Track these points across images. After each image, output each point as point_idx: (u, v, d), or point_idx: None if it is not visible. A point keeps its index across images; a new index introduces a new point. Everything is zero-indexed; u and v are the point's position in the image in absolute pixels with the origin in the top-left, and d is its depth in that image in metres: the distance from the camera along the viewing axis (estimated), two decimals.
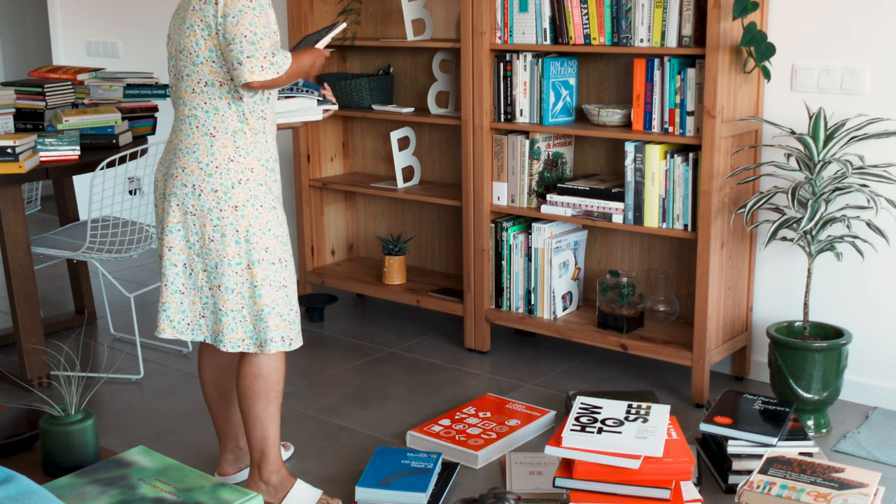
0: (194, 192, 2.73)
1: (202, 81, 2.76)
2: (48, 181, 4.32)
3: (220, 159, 2.74)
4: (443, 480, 2.93)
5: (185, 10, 2.77)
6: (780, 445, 2.85)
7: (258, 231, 2.75)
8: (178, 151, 2.78)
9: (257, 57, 2.69)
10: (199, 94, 2.76)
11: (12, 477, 1.72)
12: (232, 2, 2.70)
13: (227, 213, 2.73)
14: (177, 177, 2.76)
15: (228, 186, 2.74)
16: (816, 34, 3.42)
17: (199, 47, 2.74)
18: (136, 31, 5.65)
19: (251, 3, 2.72)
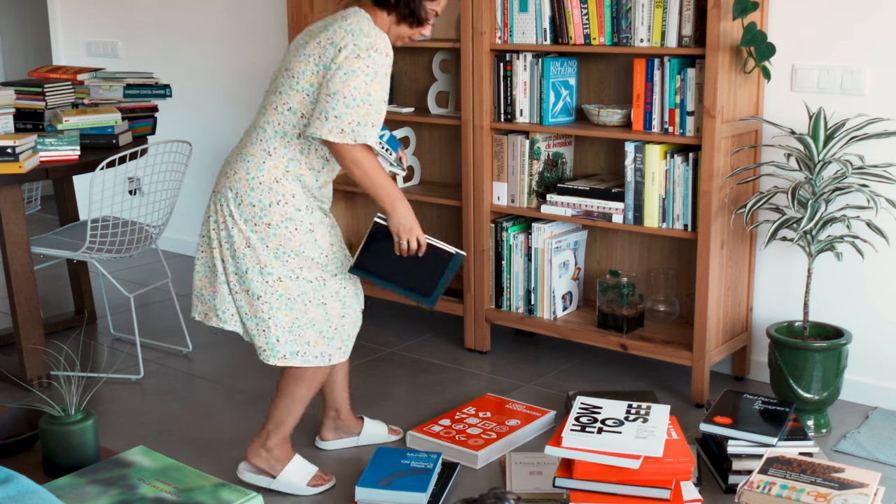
0: (236, 199, 2.84)
1: (287, 105, 2.84)
2: (48, 181, 4.32)
3: (267, 178, 2.83)
4: (443, 480, 2.93)
5: (312, 38, 2.86)
6: (780, 445, 2.85)
7: (289, 251, 2.84)
8: (239, 154, 2.89)
9: (343, 120, 2.74)
10: (279, 114, 2.85)
11: (12, 477, 1.72)
12: (352, 59, 2.76)
13: (260, 229, 2.83)
14: (228, 177, 2.88)
15: (266, 204, 2.82)
16: (816, 34, 3.42)
17: (303, 76, 2.81)
18: (136, 31, 5.65)
19: (369, 69, 2.77)
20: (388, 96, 2.84)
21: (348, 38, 2.76)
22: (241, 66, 5.20)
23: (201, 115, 5.43)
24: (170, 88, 4.38)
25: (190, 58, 5.41)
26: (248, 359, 3.97)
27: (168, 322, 4.47)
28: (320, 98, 2.76)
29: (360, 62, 2.74)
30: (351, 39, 2.76)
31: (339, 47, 2.76)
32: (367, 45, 2.76)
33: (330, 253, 2.90)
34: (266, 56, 5.05)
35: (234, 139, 5.29)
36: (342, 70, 2.74)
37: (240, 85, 5.23)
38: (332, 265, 2.91)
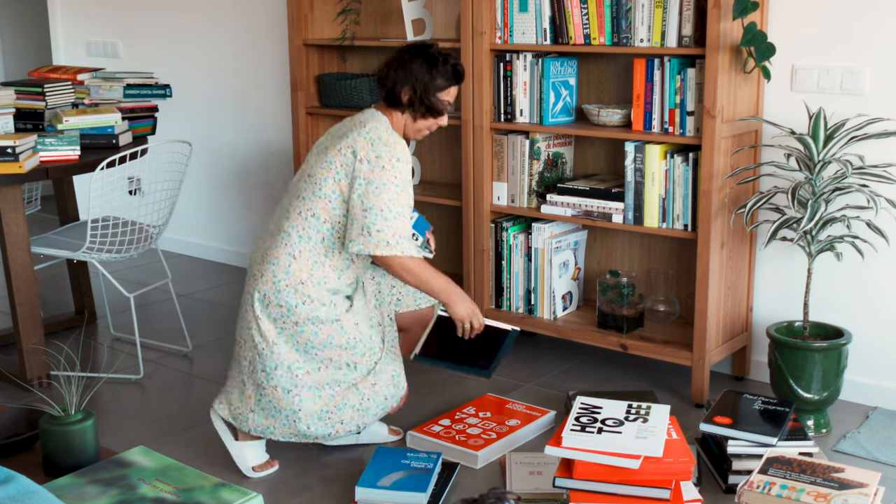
0: (264, 300, 2.94)
1: (311, 211, 2.93)
2: (48, 181, 4.32)
3: (293, 280, 2.92)
4: (443, 480, 2.93)
5: (333, 143, 2.96)
6: (780, 445, 2.85)
7: (317, 346, 2.94)
8: (264, 257, 2.98)
9: (386, 233, 2.85)
10: (303, 219, 2.94)
11: (12, 477, 1.72)
12: (378, 171, 2.87)
13: (288, 327, 2.93)
14: (255, 279, 2.98)
15: (293, 305, 2.91)
16: (816, 34, 3.42)
17: (325, 183, 2.91)
18: (136, 31, 5.65)
19: (396, 179, 2.89)
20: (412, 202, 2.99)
21: (369, 148, 2.89)
22: (241, 66, 5.20)
23: (201, 115, 5.44)
24: (170, 88, 4.38)
25: (190, 58, 5.42)
26: None
27: (168, 322, 4.47)
28: (355, 213, 2.88)
29: (386, 174, 2.87)
30: (373, 150, 2.89)
31: (361, 158, 2.88)
32: (389, 155, 2.89)
33: (357, 334, 2.98)
34: (266, 56, 5.06)
35: (234, 139, 5.30)
36: (372, 184, 2.86)
37: (240, 85, 5.23)
38: (361, 345, 2.99)
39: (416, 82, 2.99)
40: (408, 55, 3.04)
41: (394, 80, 3.02)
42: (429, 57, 3.03)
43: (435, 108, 3.03)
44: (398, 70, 3.02)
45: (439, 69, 3.02)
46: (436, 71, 3.02)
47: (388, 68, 3.05)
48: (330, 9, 4.44)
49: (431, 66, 3.02)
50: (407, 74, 3.01)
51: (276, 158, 5.13)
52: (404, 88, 3.00)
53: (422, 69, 3.01)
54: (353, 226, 2.88)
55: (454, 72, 3.05)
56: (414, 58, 3.02)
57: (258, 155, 5.23)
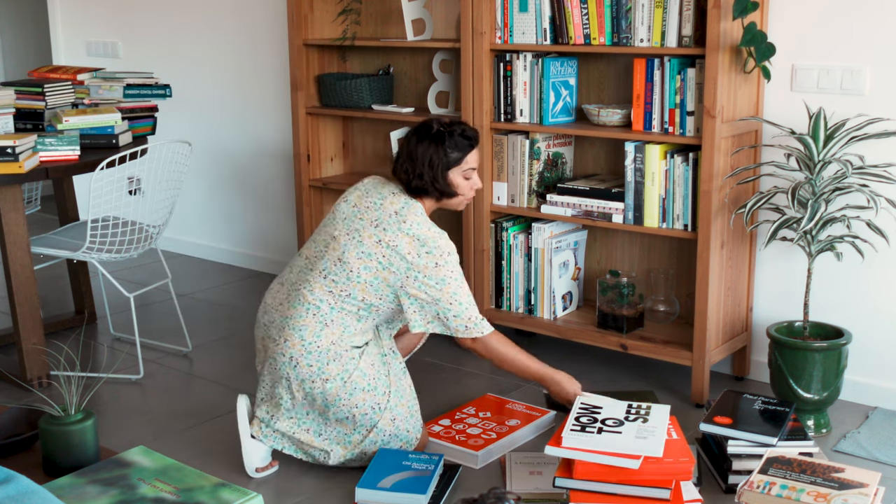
0: (291, 362, 2.95)
1: (346, 292, 2.95)
2: (48, 181, 4.32)
3: (324, 342, 2.94)
4: (444, 482, 2.92)
5: (367, 230, 2.97)
6: (780, 445, 2.85)
7: (345, 395, 2.95)
8: (286, 322, 2.98)
9: (463, 317, 2.96)
10: (335, 297, 2.96)
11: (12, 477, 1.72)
12: (432, 269, 2.92)
13: (317, 385, 2.94)
14: (277, 343, 2.98)
15: (324, 363, 2.93)
16: (816, 34, 3.42)
17: (365, 271, 2.93)
18: (136, 31, 5.65)
19: (452, 273, 2.96)
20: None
21: (417, 247, 2.93)
22: (241, 66, 5.20)
23: (201, 115, 5.44)
24: (170, 88, 4.38)
25: (190, 58, 5.42)
26: (248, 359, 3.97)
27: (168, 322, 4.47)
28: (424, 307, 2.94)
29: (442, 271, 2.93)
30: (422, 248, 2.93)
31: (410, 262, 2.92)
32: (439, 252, 2.94)
33: (374, 373, 3.01)
34: (266, 56, 5.06)
35: (234, 139, 5.30)
36: (432, 280, 2.92)
37: (240, 85, 5.23)
38: (380, 385, 3.01)
39: (424, 168, 3.01)
40: (413, 138, 3.04)
41: (405, 171, 3.03)
42: (434, 136, 3.03)
43: (449, 192, 3.06)
44: (406, 160, 3.03)
45: (447, 144, 3.02)
46: (443, 148, 3.02)
47: (398, 161, 3.06)
48: (330, 9, 4.44)
49: (439, 144, 3.02)
50: (414, 162, 3.02)
51: (276, 158, 5.13)
52: (416, 177, 3.01)
53: (428, 151, 3.01)
54: (424, 311, 2.96)
55: (464, 138, 3.05)
56: (419, 142, 3.02)
57: (258, 155, 5.23)
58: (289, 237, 5.14)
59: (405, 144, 3.07)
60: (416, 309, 2.96)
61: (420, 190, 3.04)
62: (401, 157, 3.06)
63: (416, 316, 2.97)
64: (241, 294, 4.93)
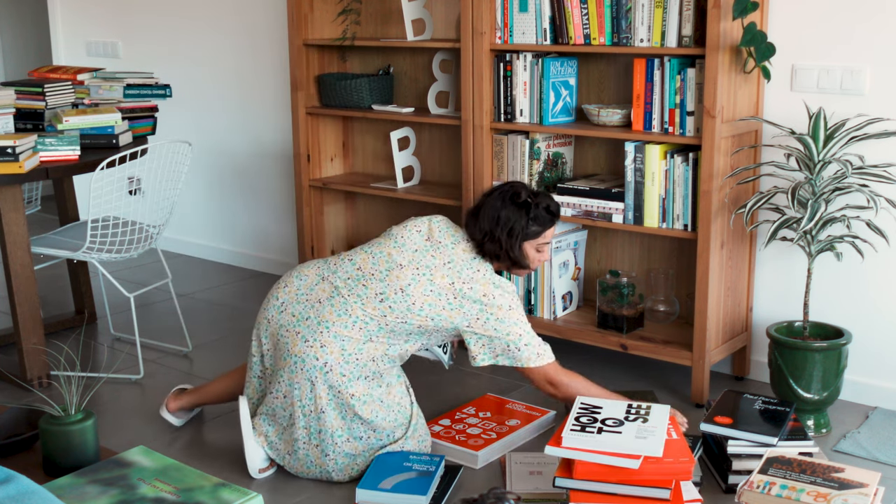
0: (324, 368, 2.90)
1: (403, 320, 2.93)
2: (48, 181, 4.32)
3: (365, 356, 2.92)
4: (445, 484, 2.92)
5: (439, 268, 2.96)
6: (780, 445, 2.85)
7: (366, 419, 2.93)
8: (325, 325, 2.92)
9: (531, 347, 2.95)
10: (388, 320, 2.93)
11: (12, 477, 1.72)
12: (506, 312, 2.92)
13: (344, 398, 2.90)
14: (311, 346, 2.91)
15: (354, 377, 2.91)
16: (816, 34, 3.42)
17: (430, 308, 2.93)
18: (136, 31, 5.65)
19: (521, 318, 2.96)
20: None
21: (491, 291, 2.94)
22: (241, 66, 5.20)
23: (201, 115, 5.44)
24: (170, 88, 4.38)
25: (190, 58, 5.42)
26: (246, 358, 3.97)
27: (168, 322, 4.47)
28: (495, 338, 2.93)
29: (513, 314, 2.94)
30: (495, 291, 2.94)
31: (483, 300, 2.92)
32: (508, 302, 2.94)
33: (396, 406, 3.00)
34: (266, 56, 5.06)
35: (234, 139, 5.30)
36: (503, 322, 2.93)
37: (240, 85, 5.23)
38: (401, 417, 3.01)
39: (503, 234, 2.99)
40: (498, 201, 3.01)
41: (482, 231, 3.00)
42: (520, 205, 3.01)
43: (519, 263, 3.06)
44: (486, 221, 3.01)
45: (531, 215, 3.02)
46: (527, 218, 3.01)
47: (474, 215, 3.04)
48: (330, 9, 4.44)
49: (522, 213, 3.01)
50: (496, 224, 2.99)
51: (276, 158, 5.13)
52: (491, 240, 3.00)
53: (511, 219, 3.00)
54: (492, 344, 2.94)
55: (548, 213, 3.06)
56: (503, 206, 3.00)
57: (258, 155, 5.23)
58: (289, 237, 5.14)
59: (486, 203, 3.05)
60: (485, 343, 2.96)
61: (490, 253, 3.02)
62: (481, 215, 3.03)
63: (484, 350, 2.96)
64: (241, 294, 4.93)
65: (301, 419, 2.94)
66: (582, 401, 2.83)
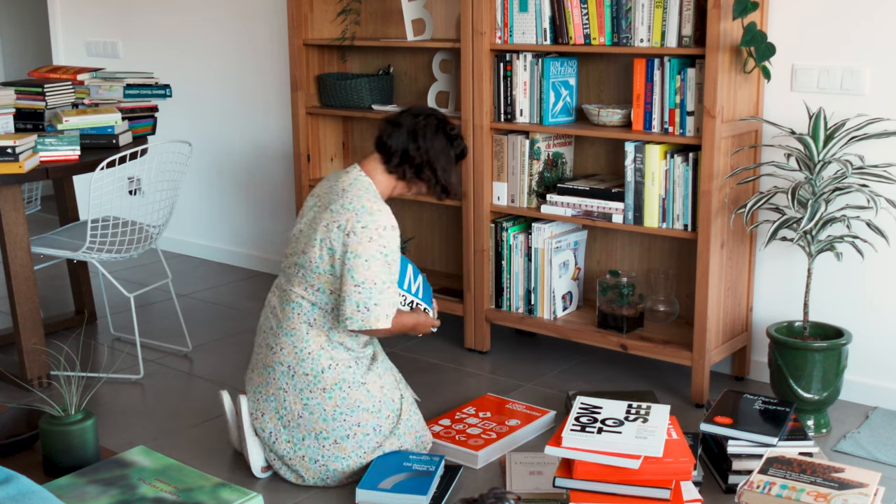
0: (289, 371, 2.93)
1: (315, 286, 2.93)
2: (48, 181, 4.32)
3: (314, 346, 2.92)
4: (444, 484, 2.92)
5: (321, 216, 2.93)
6: (780, 445, 2.85)
7: (346, 410, 2.93)
8: (280, 328, 2.96)
9: (382, 306, 2.86)
10: (311, 293, 2.94)
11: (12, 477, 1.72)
12: (365, 244, 2.84)
13: (315, 395, 2.92)
14: (275, 353, 2.96)
15: (319, 371, 2.91)
16: (816, 34, 3.42)
17: (321, 261, 2.90)
18: (136, 31, 5.65)
19: (385, 248, 2.87)
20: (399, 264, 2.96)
21: (353, 220, 2.85)
22: (241, 66, 5.20)
23: (201, 115, 5.44)
24: (170, 88, 4.38)
25: (190, 58, 5.42)
26: (247, 359, 3.97)
27: (168, 322, 4.47)
28: (348, 290, 2.84)
29: (374, 245, 2.85)
30: (357, 222, 2.85)
31: (346, 231, 2.85)
32: (374, 224, 2.85)
33: (381, 396, 2.99)
34: (266, 56, 5.06)
35: (234, 140, 5.30)
36: (361, 258, 2.84)
37: (240, 85, 5.23)
38: (385, 408, 3.00)
39: (436, 160, 2.98)
40: (431, 129, 2.98)
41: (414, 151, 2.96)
42: (449, 136, 3.01)
43: (450, 191, 3.04)
44: (420, 140, 2.96)
45: (454, 150, 3.03)
46: (451, 152, 3.02)
47: (407, 135, 2.97)
48: (330, 9, 4.44)
49: (449, 144, 3.01)
50: (429, 151, 2.97)
51: (276, 158, 5.13)
52: (425, 169, 2.97)
53: (442, 147, 2.99)
54: (347, 303, 2.85)
55: (462, 155, 3.08)
56: (436, 133, 2.98)
57: (258, 155, 5.23)
58: (289, 238, 5.14)
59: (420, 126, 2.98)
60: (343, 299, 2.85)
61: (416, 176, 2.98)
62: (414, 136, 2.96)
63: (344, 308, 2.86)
64: (241, 294, 4.93)
65: (283, 434, 2.95)
66: (582, 401, 2.83)
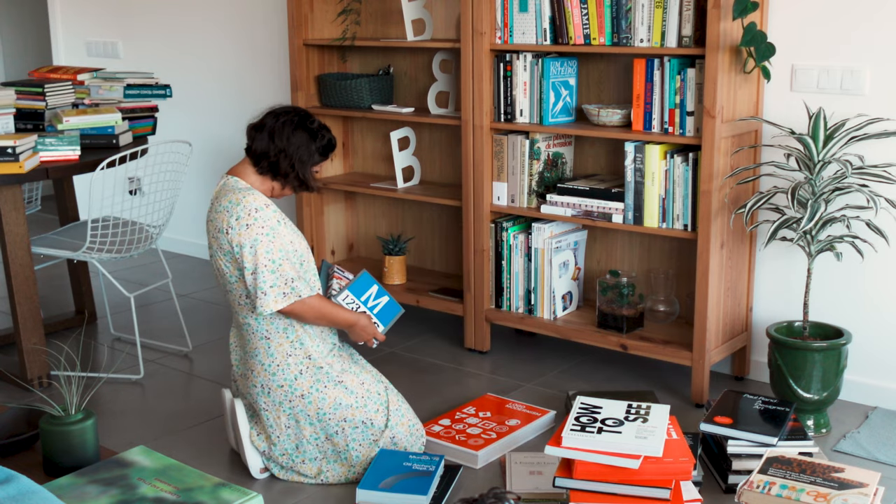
0: (263, 390, 2.95)
1: (242, 295, 2.93)
2: (48, 181, 4.32)
3: (279, 357, 2.93)
4: (444, 483, 2.92)
5: (210, 233, 2.93)
6: (780, 445, 2.85)
7: (329, 410, 2.95)
8: (246, 354, 3.00)
9: (278, 287, 2.84)
10: (245, 305, 2.94)
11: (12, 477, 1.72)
12: (244, 232, 2.84)
13: (296, 402, 2.94)
14: (247, 378, 2.99)
15: (292, 379, 2.93)
16: (816, 34, 3.42)
17: (227, 269, 2.91)
18: (136, 31, 5.65)
19: (263, 229, 2.85)
20: (295, 235, 2.92)
21: (226, 217, 2.86)
22: (241, 66, 5.20)
23: (201, 115, 5.44)
24: (170, 88, 4.38)
25: (190, 58, 5.42)
26: None
27: (168, 322, 4.47)
28: (247, 279, 2.85)
29: (252, 231, 2.83)
30: (230, 216, 2.85)
31: (225, 230, 2.85)
32: (245, 212, 2.84)
33: (363, 392, 3.01)
34: (266, 56, 5.06)
35: (234, 140, 5.30)
36: (245, 246, 2.83)
37: (240, 85, 5.23)
38: (371, 402, 3.01)
39: (296, 157, 2.98)
40: (289, 125, 2.99)
41: (270, 149, 2.96)
42: (311, 131, 3.01)
43: (309, 185, 3.06)
44: (277, 140, 2.97)
45: (316, 144, 3.02)
46: (314, 146, 3.02)
47: (270, 135, 2.98)
48: (330, 9, 4.44)
49: (312, 139, 3.01)
50: (288, 146, 2.98)
51: None
52: (283, 162, 2.97)
53: (303, 144, 2.99)
54: (251, 292, 2.86)
55: (329, 145, 3.07)
56: (296, 129, 2.99)
57: None
58: None
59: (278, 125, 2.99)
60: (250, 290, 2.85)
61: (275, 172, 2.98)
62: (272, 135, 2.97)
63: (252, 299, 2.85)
64: None
65: (276, 448, 2.98)
66: (582, 401, 2.83)
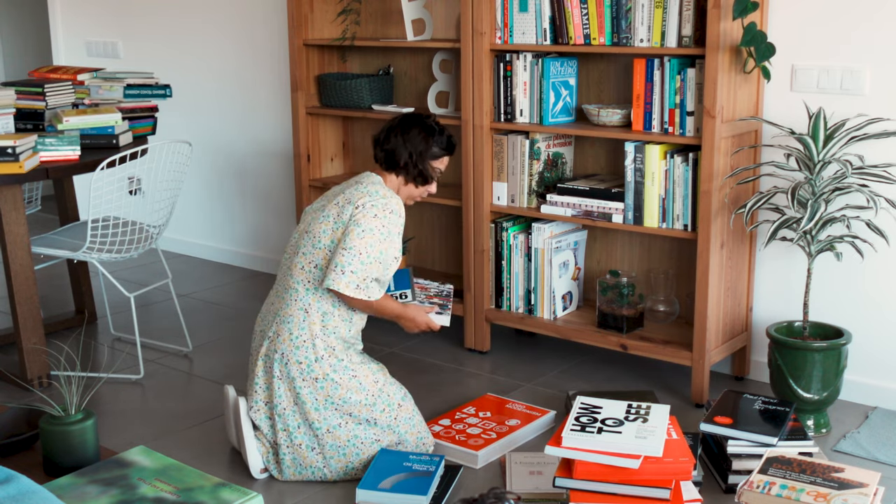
0: (282, 359, 2.99)
1: (313, 263, 3.02)
2: (48, 181, 4.32)
3: (308, 335, 2.99)
4: (444, 484, 2.92)
5: (330, 200, 3.09)
6: (780, 445, 2.85)
7: (338, 401, 2.98)
8: (277, 317, 3.04)
9: (359, 275, 2.95)
10: (307, 273, 3.02)
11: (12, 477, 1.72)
12: (369, 218, 2.99)
13: (307, 384, 2.98)
14: (270, 340, 3.03)
15: (312, 360, 2.98)
16: (816, 34, 3.42)
17: (324, 235, 3.01)
18: (136, 31, 5.65)
19: (384, 228, 3.01)
20: (399, 254, 3.07)
21: (366, 197, 3.01)
22: (241, 66, 5.20)
23: (201, 115, 5.44)
24: (170, 88, 4.38)
25: (190, 58, 5.42)
26: (248, 359, 3.97)
27: (168, 322, 4.47)
28: (337, 250, 2.96)
29: (376, 221, 2.98)
30: (369, 199, 3.00)
31: (356, 205, 2.99)
32: (383, 205, 3.01)
33: (375, 391, 3.03)
34: (266, 56, 5.06)
35: (234, 139, 5.30)
36: (360, 227, 2.96)
37: (240, 85, 5.23)
38: (380, 402, 3.03)
39: (413, 149, 3.15)
40: (407, 123, 3.20)
41: (393, 144, 3.16)
42: (426, 127, 3.19)
43: (427, 175, 3.20)
44: (397, 135, 3.17)
45: (435, 139, 3.18)
46: (432, 140, 3.18)
47: (388, 132, 3.20)
48: (330, 9, 4.44)
49: (428, 135, 3.18)
50: (405, 140, 3.16)
51: (276, 158, 5.13)
52: (402, 153, 3.15)
53: (419, 137, 3.16)
54: (331, 262, 2.97)
55: (448, 143, 3.22)
56: (412, 126, 3.18)
57: (258, 155, 5.23)
58: (289, 237, 5.14)
59: (398, 123, 3.20)
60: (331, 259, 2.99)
61: (397, 165, 3.15)
62: (392, 131, 3.18)
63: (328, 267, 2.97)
64: (241, 294, 4.94)
65: (279, 422, 2.99)
66: (582, 401, 2.83)
